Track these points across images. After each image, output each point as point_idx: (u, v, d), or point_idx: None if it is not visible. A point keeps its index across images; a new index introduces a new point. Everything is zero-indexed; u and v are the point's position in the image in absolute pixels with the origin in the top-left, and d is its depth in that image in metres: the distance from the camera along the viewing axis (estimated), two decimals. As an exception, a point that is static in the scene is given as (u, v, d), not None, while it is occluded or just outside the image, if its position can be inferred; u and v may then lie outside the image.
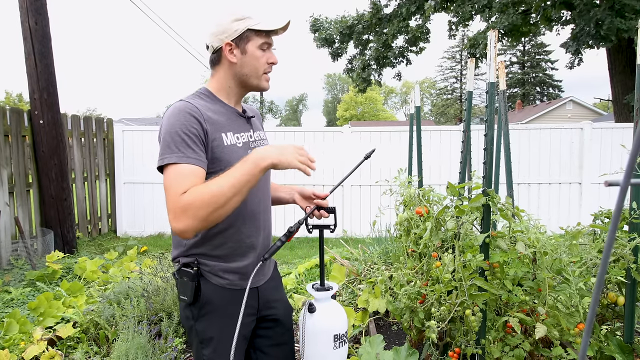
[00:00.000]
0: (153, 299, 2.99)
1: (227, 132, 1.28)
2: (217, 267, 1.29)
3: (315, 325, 1.35)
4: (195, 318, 1.30)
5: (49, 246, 5.06)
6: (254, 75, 1.31)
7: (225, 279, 1.30)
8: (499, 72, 2.42)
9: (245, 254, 1.32)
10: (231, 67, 1.30)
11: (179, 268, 1.30)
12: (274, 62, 1.33)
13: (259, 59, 1.29)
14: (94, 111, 50.86)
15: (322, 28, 13.28)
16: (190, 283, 1.27)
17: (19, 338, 2.77)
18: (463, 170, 2.30)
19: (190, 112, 1.20)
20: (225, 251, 1.30)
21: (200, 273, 1.28)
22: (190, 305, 1.30)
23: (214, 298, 1.29)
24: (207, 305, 1.29)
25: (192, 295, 1.27)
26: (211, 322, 1.29)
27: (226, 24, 1.27)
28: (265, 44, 1.30)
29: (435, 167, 6.28)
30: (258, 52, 1.29)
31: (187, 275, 1.27)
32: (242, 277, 1.32)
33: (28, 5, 4.98)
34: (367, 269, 3.73)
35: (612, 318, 1.75)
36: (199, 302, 1.28)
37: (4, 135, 4.85)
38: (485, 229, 1.68)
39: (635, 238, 1.54)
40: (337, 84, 69.92)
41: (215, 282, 1.29)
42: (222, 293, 1.29)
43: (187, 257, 1.30)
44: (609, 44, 8.49)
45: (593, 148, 6.08)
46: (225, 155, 1.24)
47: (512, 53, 44.64)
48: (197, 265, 1.28)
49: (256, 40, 1.28)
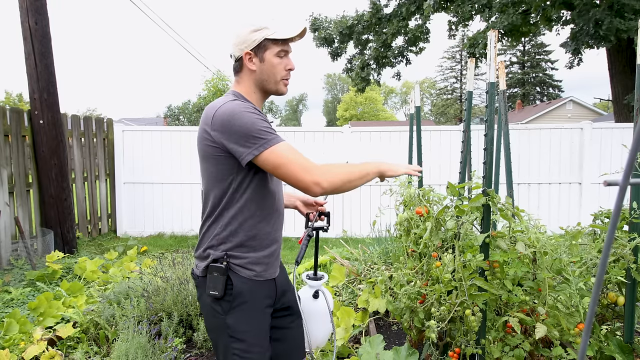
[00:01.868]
0: (153, 299, 2.99)
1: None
2: (245, 260, 1.38)
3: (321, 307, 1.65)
4: (226, 312, 1.36)
5: (49, 246, 5.06)
6: (272, 81, 1.41)
7: (252, 271, 1.39)
8: (499, 72, 2.42)
9: (270, 245, 1.44)
10: (252, 74, 1.41)
11: (208, 264, 1.37)
12: (291, 68, 1.43)
13: (276, 66, 1.39)
14: (94, 111, 50.81)
15: (321, 27, 13.29)
16: (221, 277, 1.34)
17: (19, 338, 2.77)
18: (463, 170, 2.30)
19: (253, 107, 1.35)
20: (255, 242, 1.40)
21: (229, 267, 1.37)
22: (219, 300, 1.36)
23: (243, 289, 1.37)
24: (238, 297, 1.36)
25: (223, 289, 1.34)
26: (243, 314, 1.37)
27: (245, 34, 1.37)
28: (282, 51, 1.39)
29: (435, 167, 6.28)
30: (275, 59, 1.39)
31: (217, 270, 1.35)
32: (266, 267, 1.43)
33: (28, 5, 4.98)
34: (367, 269, 3.73)
35: (612, 318, 1.75)
36: (230, 294, 1.36)
37: (4, 135, 4.85)
38: (485, 229, 1.68)
39: (635, 238, 1.54)
40: (337, 84, 69.92)
41: (243, 275, 1.37)
42: (251, 284, 1.38)
43: (216, 251, 1.37)
44: (608, 44, 8.49)
45: (593, 148, 6.07)
46: None
47: (512, 53, 44.63)
48: (226, 260, 1.36)
49: (273, 49, 1.38)
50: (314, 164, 1.30)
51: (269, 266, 1.43)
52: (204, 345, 2.82)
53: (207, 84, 22.37)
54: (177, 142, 6.52)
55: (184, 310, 2.95)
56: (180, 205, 6.58)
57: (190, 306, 2.97)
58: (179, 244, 6.02)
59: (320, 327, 1.66)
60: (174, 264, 3.37)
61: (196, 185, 6.55)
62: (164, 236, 6.50)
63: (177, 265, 3.36)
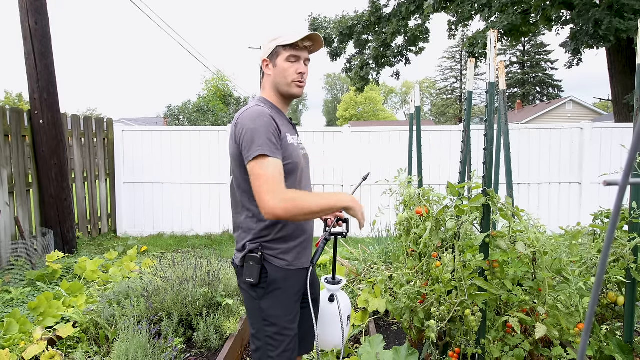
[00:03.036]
0: (153, 299, 2.99)
1: (287, 133, 1.54)
2: (278, 250, 1.52)
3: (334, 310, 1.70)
4: (261, 297, 1.52)
5: (49, 246, 5.06)
6: (284, 84, 1.56)
7: (284, 260, 1.53)
8: (499, 72, 2.42)
9: (299, 236, 1.57)
10: (269, 79, 1.59)
11: (245, 254, 1.52)
12: (301, 71, 1.56)
13: (287, 69, 1.54)
14: (94, 111, 50.77)
15: (321, 27, 13.29)
16: (256, 266, 1.50)
17: (19, 338, 2.77)
18: (463, 170, 2.30)
19: (270, 114, 1.46)
20: (286, 233, 1.53)
21: (264, 257, 1.51)
22: (255, 287, 1.52)
23: (277, 277, 1.51)
24: (272, 284, 1.51)
25: (258, 276, 1.49)
26: (276, 300, 1.52)
27: (265, 45, 1.58)
28: (292, 56, 1.53)
29: (435, 167, 6.28)
30: (286, 64, 1.54)
31: (253, 259, 1.50)
32: (297, 256, 1.57)
33: (28, 5, 4.98)
34: (367, 268, 3.73)
35: (612, 318, 1.75)
36: (265, 281, 1.51)
37: (4, 135, 4.85)
38: (485, 229, 1.68)
39: (635, 238, 1.54)
40: (337, 84, 69.91)
41: (276, 264, 1.52)
42: (283, 273, 1.53)
43: (253, 243, 1.52)
44: (607, 44, 8.49)
45: (593, 148, 6.07)
46: (288, 151, 1.50)
47: (512, 53, 44.61)
48: (260, 251, 1.51)
49: (283, 55, 1.53)
50: (283, 189, 1.37)
51: (300, 255, 1.57)
52: (204, 345, 2.82)
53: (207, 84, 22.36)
54: (177, 142, 6.52)
55: (184, 310, 2.95)
56: (180, 205, 6.58)
57: (190, 306, 2.97)
58: (179, 244, 6.02)
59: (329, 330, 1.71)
60: (174, 264, 3.37)
61: (196, 185, 6.55)
62: (164, 236, 6.50)
63: (177, 265, 3.36)
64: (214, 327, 2.86)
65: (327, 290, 1.75)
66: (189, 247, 5.83)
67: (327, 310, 1.72)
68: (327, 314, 1.72)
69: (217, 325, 2.87)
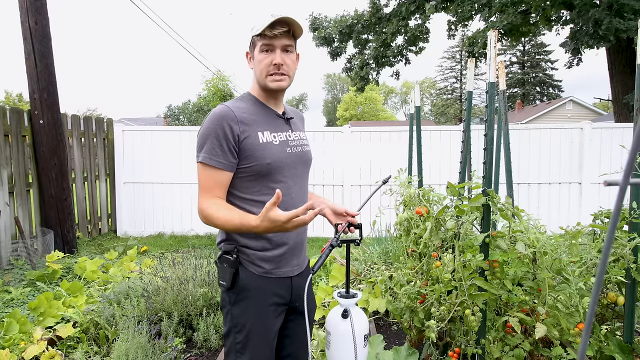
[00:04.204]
0: (153, 299, 2.99)
1: (264, 130, 1.41)
2: (254, 256, 1.41)
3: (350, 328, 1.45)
4: (232, 303, 1.41)
5: (49, 246, 5.06)
6: (261, 77, 1.41)
7: (261, 267, 1.41)
8: (499, 72, 2.42)
9: (279, 245, 1.44)
10: (253, 72, 1.46)
11: (220, 255, 1.44)
12: (277, 62, 1.37)
13: (260, 61, 1.39)
14: (94, 111, 50.75)
15: (321, 27, 13.30)
16: (229, 269, 1.39)
17: (19, 338, 2.77)
18: (463, 170, 2.30)
19: (224, 116, 1.35)
20: (261, 241, 1.41)
21: (239, 261, 1.41)
22: (228, 290, 1.42)
23: (250, 284, 1.40)
24: (243, 291, 1.40)
25: (231, 281, 1.39)
26: (246, 307, 1.40)
27: (247, 36, 1.45)
28: (265, 45, 1.37)
29: (435, 167, 6.28)
30: (260, 55, 1.39)
31: (227, 261, 1.41)
32: (276, 266, 1.44)
33: (28, 5, 4.98)
34: (367, 268, 3.73)
35: (612, 318, 1.75)
36: (236, 287, 1.40)
37: (4, 135, 4.85)
38: (485, 229, 1.68)
39: (635, 238, 1.54)
40: (337, 84, 69.91)
41: (252, 270, 1.41)
42: (258, 281, 1.41)
43: (228, 243, 1.43)
44: (607, 44, 8.49)
45: (593, 148, 6.07)
46: (259, 151, 1.37)
47: (512, 53, 44.60)
48: (236, 253, 1.41)
49: (258, 45, 1.39)
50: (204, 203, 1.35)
51: (282, 265, 1.44)
52: (204, 345, 2.82)
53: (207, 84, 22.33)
54: (177, 142, 6.52)
55: (184, 310, 2.95)
56: (180, 205, 6.58)
57: (190, 306, 2.97)
58: (179, 244, 6.02)
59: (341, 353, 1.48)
60: (174, 264, 3.37)
61: (196, 185, 6.54)
62: (164, 236, 6.50)
63: (177, 265, 3.36)
64: (214, 327, 2.86)
65: (340, 305, 1.53)
66: (189, 247, 5.83)
67: (339, 328, 1.48)
68: (339, 333, 1.48)
69: (217, 325, 2.87)
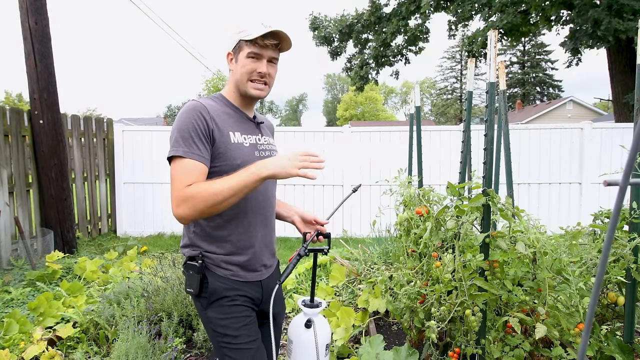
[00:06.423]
0: (153, 299, 2.99)
1: (235, 131, 1.39)
2: (219, 259, 1.38)
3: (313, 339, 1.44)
4: (206, 307, 1.38)
5: (49, 246, 5.06)
6: (242, 82, 1.40)
7: (229, 270, 1.38)
8: (499, 72, 2.42)
9: (242, 252, 1.40)
10: (232, 74, 1.44)
11: (185, 262, 1.40)
12: (260, 71, 1.38)
13: (245, 66, 1.38)
14: (94, 111, 50.77)
15: (321, 26, 13.31)
16: (196, 276, 1.36)
17: (19, 338, 2.77)
18: (463, 170, 2.30)
19: (199, 110, 1.32)
20: (225, 250, 1.39)
21: (206, 266, 1.37)
22: (198, 297, 1.38)
23: (219, 287, 1.36)
24: (214, 293, 1.36)
25: (198, 287, 1.35)
26: (221, 308, 1.36)
27: (231, 36, 1.42)
28: (253, 53, 1.37)
29: (435, 167, 6.28)
30: (246, 60, 1.38)
31: (192, 268, 1.37)
32: (244, 269, 1.41)
33: (28, 5, 4.98)
34: (367, 269, 3.73)
35: (612, 318, 1.75)
36: (206, 291, 1.36)
37: (4, 135, 4.85)
38: (485, 229, 1.68)
39: (635, 238, 1.54)
40: (337, 84, 69.91)
41: (219, 274, 1.37)
42: (228, 283, 1.37)
43: (193, 250, 1.39)
44: (606, 45, 8.49)
45: (593, 148, 6.07)
46: (230, 151, 1.35)
47: (512, 53, 44.61)
48: (201, 258, 1.37)
49: (245, 50, 1.38)
50: (182, 190, 1.24)
51: (249, 269, 1.41)
52: (204, 345, 2.82)
53: (207, 84, 22.37)
54: (177, 142, 6.51)
55: (184, 310, 2.95)
56: (180, 205, 6.57)
57: (190, 306, 2.97)
58: (179, 244, 6.01)
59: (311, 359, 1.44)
60: (174, 264, 3.37)
61: (196, 185, 6.54)
62: (164, 236, 6.50)
63: (177, 265, 3.36)
64: (214, 327, 2.86)
65: (303, 314, 1.49)
66: (189, 247, 5.82)
67: (302, 338, 1.45)
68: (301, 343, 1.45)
69: (217, 325, 2.87)
